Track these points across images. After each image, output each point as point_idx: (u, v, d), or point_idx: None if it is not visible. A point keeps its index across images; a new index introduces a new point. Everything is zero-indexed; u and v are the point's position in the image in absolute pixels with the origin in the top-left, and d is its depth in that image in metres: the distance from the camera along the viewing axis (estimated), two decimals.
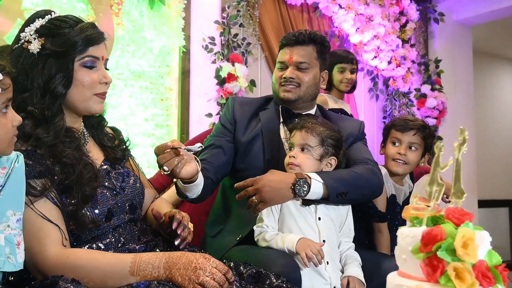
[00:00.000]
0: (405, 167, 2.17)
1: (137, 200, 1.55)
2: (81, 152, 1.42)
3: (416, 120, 2.20)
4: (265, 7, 4.36)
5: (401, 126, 2.17)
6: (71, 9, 3.47)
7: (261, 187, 1.74)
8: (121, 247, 1.41)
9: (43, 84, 1.38)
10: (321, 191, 1.75)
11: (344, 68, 3.34)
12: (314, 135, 1.80)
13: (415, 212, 0.98)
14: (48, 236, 1.28)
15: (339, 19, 4.70)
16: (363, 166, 1.91)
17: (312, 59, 2.05)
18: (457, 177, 0.99)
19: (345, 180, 1.80)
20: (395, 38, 5.05)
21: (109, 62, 1.53)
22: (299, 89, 2.03)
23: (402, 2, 5.18)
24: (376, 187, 1.91)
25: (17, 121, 1.20)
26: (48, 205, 1.30)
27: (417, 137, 2.16)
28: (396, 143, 2.19)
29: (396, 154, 2.16)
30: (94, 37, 1.43)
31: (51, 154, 1.34)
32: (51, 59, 1.39)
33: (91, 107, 1.46)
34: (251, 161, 2.00)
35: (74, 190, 1.34)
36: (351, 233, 1.86)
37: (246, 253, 1.70)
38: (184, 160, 1.52)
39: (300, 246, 1.62)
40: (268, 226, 1.76)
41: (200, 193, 1.81)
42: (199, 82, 4.04)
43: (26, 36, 1.39)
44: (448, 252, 0.89)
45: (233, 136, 2.07)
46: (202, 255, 1.27)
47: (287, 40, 2.07)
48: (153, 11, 3.78)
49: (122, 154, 1.58)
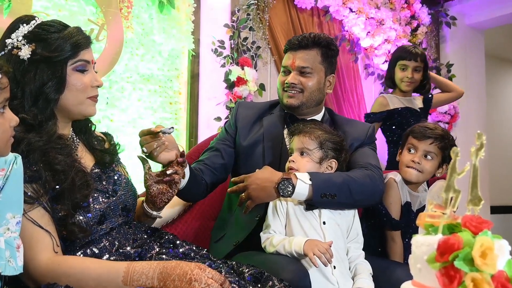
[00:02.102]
0: (418, 175, 2.09)
1: (130, 202, 1.54)
2: (73, 159, 1.41)
3: (435, 129, 2.10)
4: (275, 10, 4.33)
5: (419, 133, 2.09)
6: (81, 12, 3.46)
7: (249, 184, 1.76)
8: (116, 251, 1.39)
9: (35, 90, 1.37)
10: (306, 192, 1.72)
11: (405, 65, 3.14)
12: (312, 138, 1.80)
13: (430, 220, 0.94)
14: (39, 243, 1.26)
15: (350, 23, 4.66)
16: (361, 170, 1.86)
17: (316, 63, 2.00)
18: (474, 183, 0.94)
19: (335, 183, 1.75)
20: (406, 42, 4.99)
21: (118, 65, 1.53)
22: (302, 94, 1.99)
23: (413, 6, 5.13)
24: (371, 193, 1.85)
25: (15, 122, 1.19)
26: (39, 211, 1.29)
27: (434, 146, 2.06)
28: (411, 150, 2.11)
29: (410, 162, 2.08)
30: (84, 41, 1.43)
31: (43, 160, 1.32)
32: (43, 64, 1.38)
33: (85, 110, 1.47)
34: (252, 166, 1.96)
35: (65, 197, 1.32)
36: (360, 238, 1.83)
37: (252, 259, 1.66)
38: (164, 146, 1.57)
39: (308, 246, 1.61)
40: (275, 231, 1.75)
41: (187, 187, 1.78)
42: (208, 86, 4.02)
43: (13, 42, 1.37)
44: (465, 262, 0.84)
45: (234, 141, 2.07)
46: (197, 265, 1.25)
47: (291, 44, 2.04)
48: (162, 14, 3.77)
49: (110, 159, 1.57)
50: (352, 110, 4.68)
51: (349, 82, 4.74)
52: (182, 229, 2.19)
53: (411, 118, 3.19)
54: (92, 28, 3.47)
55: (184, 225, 2.20)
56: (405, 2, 5.11)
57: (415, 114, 3.26)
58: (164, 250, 1.45)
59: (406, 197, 2.12)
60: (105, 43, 3.49)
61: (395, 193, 2.07)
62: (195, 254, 1.51)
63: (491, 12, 5.30)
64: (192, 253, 1.51)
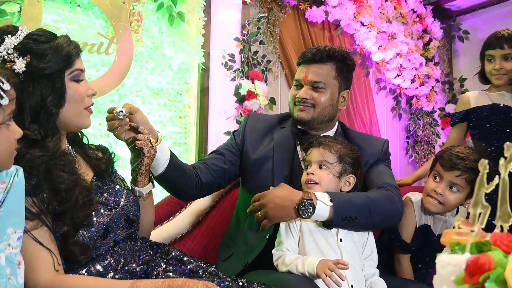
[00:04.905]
0: (438, 207, 1.90)
1: (132, 212, 1.49)
2: (77, 176, 1.35)
3: (466, 159, 1.86)
4: (285, 24, 4.31)
5: (446, 162, 1.88)
6: (90, 26, 3.45)
7: (266, 202, 1.69)
8: (121, 269, 1.34)
9: (35, 105, 1.30)
10: (326, 213, 1.66)
11: (491, 56, 2.63)
12: (332, 152, 1.75)
13: (457, 238, 0.87)
14: (40, 261, 1.21)
15: (361, 37, 4.62)
16: (380, 191, 1.79)
17: (330, 78, 1.93)
18: (503, 198, 0.88)
19: (355, 205, 1.69)
20: (419, 56, 4.95)
21: (128, 78, 1.50)
22: (313, 109, 1.93)
23: (425, 20, 5.10)
24: (391, 215, 1.79)
25: (19, 134, 1.15)
26: (41, 228, 1.23)
27: (462, 180, 1.85)
28: (437, 177, 1.91)
29: (432, 191, 1.90)
30: (75, 50, 1.38)
31: (46, 178, 1.27)
32: (40, 77, 1.30)
33: (83, 122, 1.43)
34: (261, 180, 1.92)
35: (66, 216, 1.27)
36: (374, 256, 1.77)
37: (265, 278, 1.60)
38: (127, 126, 1.56)
39: (320, 268, 1.55)
40: (288, 249, 1.69)
41: (167, 175, 1.75)
42: (218, 100, 3.98)
43: (3, 55, 1.29)
44: (497, 283, 0.77)
45: (241, 151, 2.03)
46: (205, 284, 1.20)
47: (304, 57, 1.97)
48: (172, 28, 3.75)
49: (106, 167, 1.53)
50: (363, 125, 4.62)
51: (361, 97, 4.68)
52: (191, 245, 2.15)
53: (497, 117, 2.63)
54: (102, 41, 3.46)
55: (192, 241, 2.17)
56: (417, 16, 5.08)
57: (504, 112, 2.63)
58: (171, 267, 1.40)
59: (422, 220, 1.98)
60: (114, 57, 3.47)
61: (409, 214, 1.95)
62: (203, 271, 1.46)
63: (504, 26, 5.22)
64: (200, 270, 1.46)
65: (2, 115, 1.09)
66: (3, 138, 1.10)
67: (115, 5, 3.50)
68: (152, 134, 1.64)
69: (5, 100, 1.09)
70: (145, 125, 1.61)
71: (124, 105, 1.59)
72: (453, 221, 2.00)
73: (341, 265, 1.54)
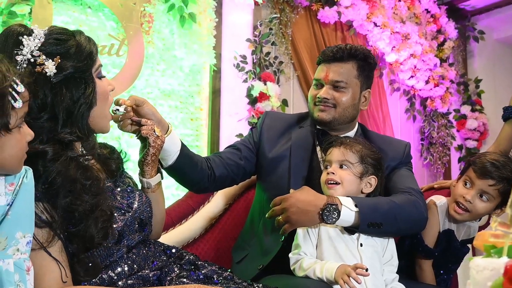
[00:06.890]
0: (464, 215, 1.83)
1: (145, 215, 1.43)
2: (100, 197, 1.25)
3: (502, 168, 1.77)
4: (298, 25, 4.26)
5: (480, 169, 1.79)
6: (101, 27, 3.44)
7: (288, 206, 1.63)
8: (134, 274, 1.29)
9: (68, 108, 1.22)
10: (352, 219, 1.61)
11: None
12: (354, 151, 1.70)
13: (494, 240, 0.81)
14: (47, 273, 1.14)
15: (374, 38, 4.55)
16: (405, 196, 1.74)
17: (351, 77, 1.88)
18: None
19: (381, 210, 1.64)
20: (433, 57, 4.87)
21: (139, 80, 1.44)
22: (335, 110, 1.87)
23: (439, 20, 5.02)
24: (416, 222, 1.74)
25: (30, 136, 1.09)
26: (52, 238, 1.16)
27: (494, 190, 1.78)
28: (467, 183, 1.83)
29: (461, 197, 1.82)
30: (94, 44, 1.31)
31: (65, 195, 1.18)
32: (71, 78, 1.23)
33: (107, 125, 1.37)
34: (277, 179, 1.88)
35: (79, 240, 1.19)
36: (394, 261, 1.72)
37: (282, 282, 1.56)
38: (130, 119, 1.52)
39: (339, 274, 1.51)
40: (306, 253, 1.64)
41: (178, 166, 1.70)
42: (230, 102, 3.94)
43: (28, 58, 1.19)
44: None
45: (257, 149, 1.97)
46: None
47: (325, 56, 1.91)
48: (183, 29, 3.71)
49: (116, 166, 1.46)
50: (377, 127, 4.55)
51: (374, 98, 4.61)
52: (204, 249, 2.12)
53: None
54: (113, 43, 3.44)
55: (205, 245, 2.14)
56: (431, 16, 5.00)
57: None
58: (185, 272, 1.36)
59: (445, 224, 1.91)
60: (125, 58, 3.45)
61: (433, 218, 1.87)
62: (218, 276, 1.41)
63: None
64: (214, 275, 1.41)
65: (14, 118, 1.03)
66: (15, 142, 1.05)
67: (126, 7, 3.48)
68: (162, 124, 1.59)
69: (19, 103, 1.03)
70: (153, 116, 1.56)
71: (130, 97, 1.54)
72: (476, 226, 1.96)
73: (360, 269, 1.49)
